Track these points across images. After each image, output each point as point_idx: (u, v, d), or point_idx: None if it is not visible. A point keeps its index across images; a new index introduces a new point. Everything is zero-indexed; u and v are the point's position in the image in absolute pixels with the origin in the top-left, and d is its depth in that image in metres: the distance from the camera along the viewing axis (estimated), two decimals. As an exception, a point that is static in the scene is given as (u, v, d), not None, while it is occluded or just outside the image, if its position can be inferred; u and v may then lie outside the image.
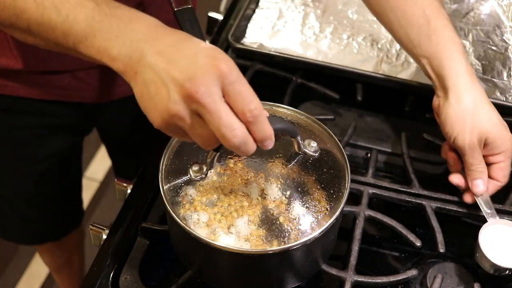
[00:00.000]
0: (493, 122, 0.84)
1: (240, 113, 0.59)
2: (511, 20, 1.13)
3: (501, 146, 0.84)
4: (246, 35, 1.13)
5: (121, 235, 0.84)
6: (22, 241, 1.48)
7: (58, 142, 1.17)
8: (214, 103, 0.57)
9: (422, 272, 0.82)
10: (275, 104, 0.82)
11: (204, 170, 0.70)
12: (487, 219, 0.83)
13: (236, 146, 0.59)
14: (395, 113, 1.05)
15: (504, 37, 1.10)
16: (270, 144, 0.62)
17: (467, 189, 0.86)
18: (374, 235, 0.89)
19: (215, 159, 0.69)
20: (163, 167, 0.75)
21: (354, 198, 0.88)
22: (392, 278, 0.80)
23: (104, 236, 0.87)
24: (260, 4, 1.18)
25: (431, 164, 0.98)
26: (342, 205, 0.73)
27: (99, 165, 2.22)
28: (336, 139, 0.79)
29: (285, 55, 1.07)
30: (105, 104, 1.12)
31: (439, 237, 0.85)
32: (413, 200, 0.89)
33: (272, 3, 1.18)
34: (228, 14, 1.18)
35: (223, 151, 0.66)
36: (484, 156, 0.85)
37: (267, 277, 0.74)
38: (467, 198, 0.86)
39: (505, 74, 1.04)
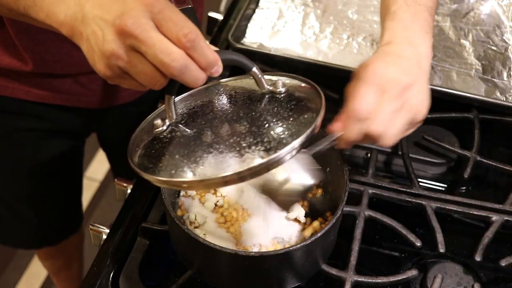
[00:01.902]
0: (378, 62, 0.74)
1: (176, 40, 0.58)
2: (511, 20, 1.13)
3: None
4: (246, 35, 1.13)
5: (121, 235, 0.84)
6: (21, 245, 1.47)
7: (57, 146, 1.16)
8: (145, 32, 0.57)
9: (422, 272, 0.82)
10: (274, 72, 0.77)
11: (166, 122, 0.67)
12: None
13: (178, 71, 0.58)
14: (395, 113, 1.05)
15: (504, 37, 1.10)
16: (217, 70, 0.60)
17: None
18: (374, 235, 0.89)
19: (173, 105, 0.66)
20: None
21: (354, 198, 0.88)
22: (392, 278, 0.80)
23: (104, 236, 0.87)
24: (260, 4, 1.18)
25: (431, 164, 0.98)
26: (342, 205, 0.73)
27: (99, 165, 2.22)
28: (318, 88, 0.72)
29: (285, 55, 1.07)
30: (105, 109, 1.12)
31: (439, 237, 0.85)
32: (413, 200, 0.89)
33: (272, 3, 1.18)
34: (228, 14, 1.18)
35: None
36: None
37: (267, 277, 0.74)
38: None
39: (505, 74, 1.04)
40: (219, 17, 1.20)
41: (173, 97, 0.66)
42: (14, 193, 1.23)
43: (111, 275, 0.80)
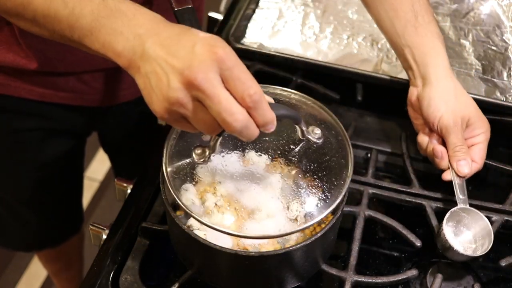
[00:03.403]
0: (473, 105, 0.89)
1: (240, 99, 0.59)
2: (511, 20, 1.13)
3: (481, 127, 0.87)
4: (246, 35, 1.13)
5: (121, 235, 0.84)
6: (21, 247, 1.47)
7: (59, 145, 1.16)
8: (213, 88, 0.58)
9: (422, 272, 0.82)
10: (283, 88, 0.82)
11: (207, 153, 0.70)
12: (458, 204, 0.83)
13: (237, 131, 0.59)
14: (395, 113, 1.05)
15: (504, 37, 1.10)
16: (272, 128, 0.62)
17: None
18: (374, 235, 0.89)
19: (218, 143, 0.69)
20: (165, 167, 0.75)
21: (354, 198, 0.88)
22: (392, 278, 0.80)
23: (104, 236, 0.87)
24: (260, 4, 1.18)
25: (431, 164, 0.98)
26: (342, 205, 0.73)
27: (99, 165, 2.22)
28: (342, 128, 0.78)
29: (285, 55, 1.07)
30: (107, 108, 1.12)
31: (439, 237, 0.85)
32: (413, 200, 0.89)
33: (272, 3, 1.18)
34: (228, 14, 1.18)
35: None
36: (465, 139, 0.87)
37: (267, 277, 0.74)
38: (447, 176, 0.87)
39: (505, 74, 1.04)
40: (219, 17, 1.20)
41: (220, 137, 0.68)
42: (15, 194, 1.23)
43: (111, 275, 0.80)
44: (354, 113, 1.05)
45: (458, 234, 0.82)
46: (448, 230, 0.81)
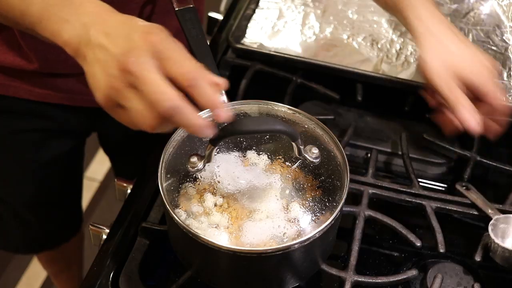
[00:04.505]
0: (468, 57, 0.84)
1: (176, 79, 0.59)
2: (511, 20, 1.13)
3: (479, 80, 0.83)
4: (246, 35, 1.13)
5: (121, 235, 0.84)
6: (21, 250, 1.47)
7: (59, 146, 1.16)
8: (144, 71, 0.58)
9: (422, 272, 0.82)
10: (275, 103, 0.82)
11: (201, 162, 0.71)
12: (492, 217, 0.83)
13: (167, 111, 0.58)
14: (395, 113, 1.05)
15: (504, 37, 1.10)
16: (222, 114, 0.61)
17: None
18: (374, 235, 0.89)
19: (213, 152, 0.69)
20: (163, 166, 0.75)
21: (354, 198, 0.88)
22: (392, 278, 0.80)
23: (104, 236, 0.87)
24: (260, 4, 1.18)
25: (431, 164, 0.98)
26: (340, 205, 0.73)
27: (99, 165, 2.22)
28: (336, 139, 0.79)
29: (285, 55, 1.07)
30: None
31: (439, 237, 0.85)
32: (413, 200, 0.89)
33: (272, 3, 1.18)
34: (228, 14, 1.18)
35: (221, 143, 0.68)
36: (475, 99, 0.83)
37: (266, 277, 0.74)
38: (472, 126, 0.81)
39: (505, 74, 1.04)
40: (219, 17, 1.20)
41: (215, 147, 0.69)
42: (16, 195, 1.23)
43: (111, 275, 0.80)
44: (354, 113, 1.05)
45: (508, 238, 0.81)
46: (498, 240, 0.80)
